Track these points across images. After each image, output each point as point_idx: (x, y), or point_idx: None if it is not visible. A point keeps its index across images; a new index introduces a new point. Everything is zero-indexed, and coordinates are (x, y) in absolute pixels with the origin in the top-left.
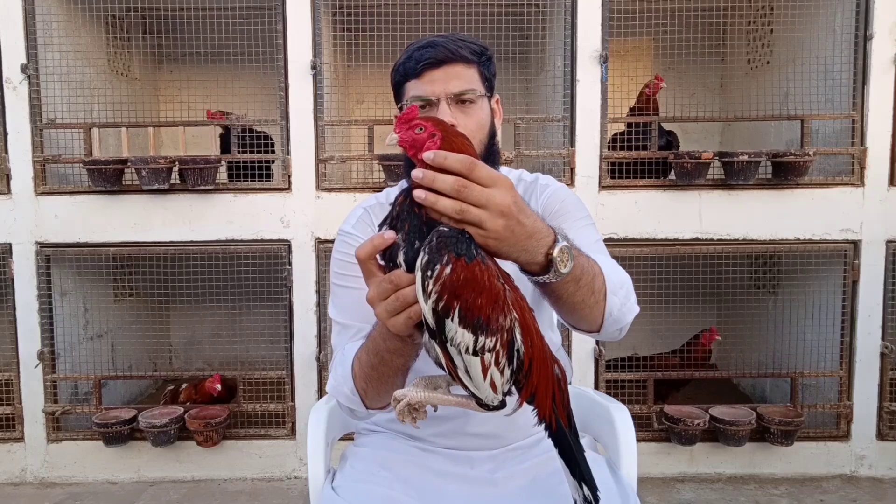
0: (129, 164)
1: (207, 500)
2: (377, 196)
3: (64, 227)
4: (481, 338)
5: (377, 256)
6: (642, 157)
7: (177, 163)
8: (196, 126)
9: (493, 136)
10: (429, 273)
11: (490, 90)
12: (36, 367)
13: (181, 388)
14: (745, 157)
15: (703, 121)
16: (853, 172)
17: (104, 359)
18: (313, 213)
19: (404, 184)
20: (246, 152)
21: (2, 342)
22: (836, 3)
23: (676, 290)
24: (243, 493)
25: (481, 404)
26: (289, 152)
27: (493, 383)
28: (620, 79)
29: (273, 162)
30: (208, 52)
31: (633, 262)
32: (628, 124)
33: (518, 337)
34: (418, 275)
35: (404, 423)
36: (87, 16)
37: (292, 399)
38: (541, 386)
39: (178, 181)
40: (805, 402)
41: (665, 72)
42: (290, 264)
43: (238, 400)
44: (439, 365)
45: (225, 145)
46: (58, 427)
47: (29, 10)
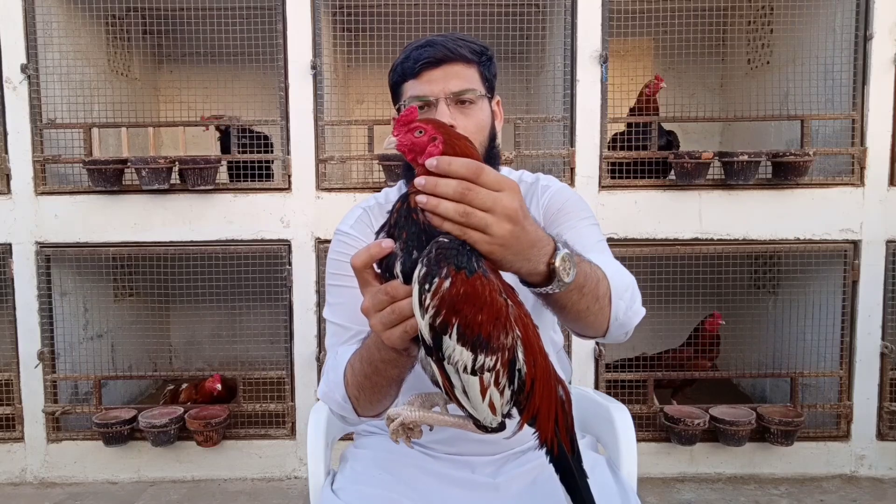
0: (129, 164)
1: (207, 500)
2: (376, 196)
3: (64, 227)
4: (480, 356)
5: (373, 265)
6: (642, 157)
7: (177, 163)
8: (196, 126)
9: (493, 138)
10: (426, 286)
11: (490, 91)
12: (36, 367)
13: (181, 388)
14: (745, 157)
15: (703, 121)
16: (853, 172)
17: (104, 359)
18: (313, 213)
19: (402, 186)
20: (245, 153)
21: (2, 342)
22: (836, 3)
23: (676, 290)
24: (243, 493)
25: (479, 426)
26: (289, 152)
27: (492, 404)
28: (620, 79)
29: (273, 162)
30: (208, 52)
31: (633, 262)
32: (628, 124)
33: (520, 356)
34: (415, 287)
35: (398, 443)
36: (87, 16)
37: (292, 399)
38: (543, 408)
39: (178, 181)
40: (805, 402)
41: (665, 72)
42: (290, 264)
43: (238, 400)
44: (435, 383)
45: (224, 147)
46: (58, 427)
47: (29, 10)
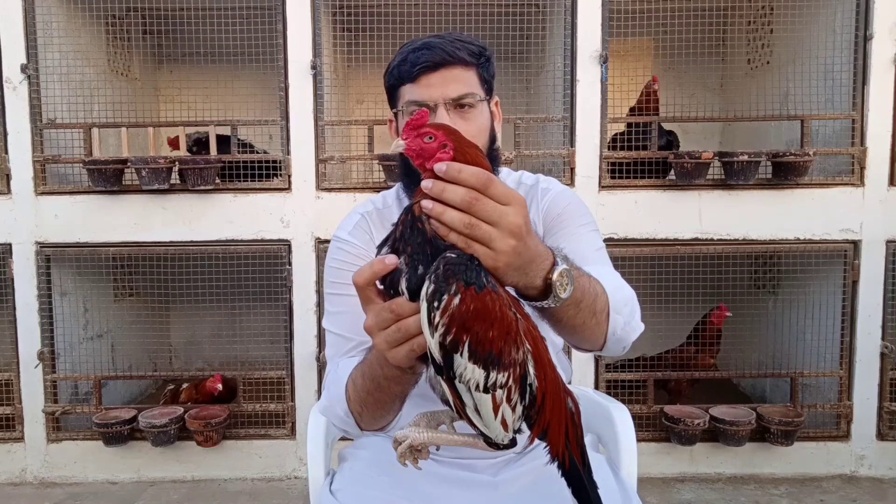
0: (129, 164)
1: (207, 500)
2: (373, 200)
3: (64, 227)
4: (493, 373)
5: (376, 282)
6: (642, 157)
7: (177, 163)
8: (196, 126)
9: (493, 140)
10: (435, 304)
11: (489, 92)
12: (36, 367)
13: (181, 388)
14: (745, 157)
15: (703, 121)
16: (853, 172)
17: (104, 359)
18: (313, 213)
19: (400, 189)
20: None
21: (2, 342)
22: (836, 3)
23: (676, 290)
24: (243, 493)
25: (489, 443)
26: (289, 152)
27: (503, 421)
28: (620, 79)
29: (269, 162)
30: (208, 52)
31: (633, 262)
32: (628, 124)
33: (531, 370)
34: (424, 305)
35: (406, 466)
36: (87, 16)
37: (292, 399)
38: (553, 421)
39: (178, 181)
40: (805, 402)
41: (665, 72)
42: (290, 264)
43: (238, 400)
44: (445, 402)
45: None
46: (58, 427)
47: (29, 10)
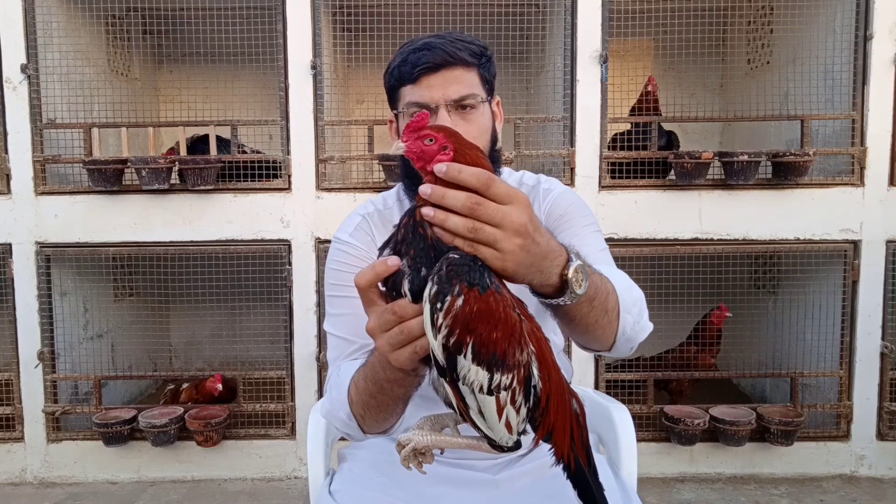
0: (129, 164)
1: (207, 500)
2: (373, 201)
3: (64, 227)
4: (497, 375)
5: (378, 284)
6: (642, 157)
7: (177, 163)
8: (196, 126)
9: (494, 141)
10: (438, 305)
11: (490, 93)
12: (36, 367)
13: (182, 388)
14: (745, 157)
15: (703, 121)
16: (853, 172)
17: (104, 359)
18: (313, 213)
19: (401, 189)
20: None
21: (2, 342)
22: (836, 3)
23: (676, 290)
24: (243, 493)
25: (494, 446)
26: (289, 152)
27: (508, 424)
28: (620, 79)
29: (268, 163)
30: (208, 52)
31: (633, 262)
32: (631, 123)
33: (535, 372)
34: (427, 307)
35: (410, 470)
36: (87, 16)
37: (292, 399)
38: (558, 423)
39: (178, 181)
40: (805, 402)
41: (665, 72)
42: (290, 264)
43: (238, 400)
44: (449, 405)
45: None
46: (58, 427)
47: (29, 10)
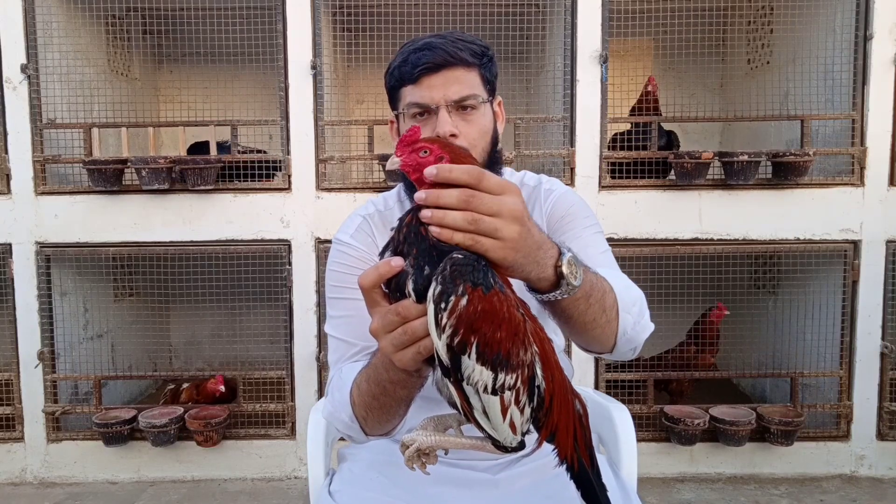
0: (129, 164)
1: (207, 500)
2: (374, 202)
3: (64, 227)
4: (501, 375)
5: (381, 285)
6: (642, 157)
7: (177, 163)
8: (196, 126)
9: (495, 142)
10: (442, 305)
11: (492, 93)
12: (36, 367)
13: (182, 388)
14: (745, 157)
15: (703, 121)
16: (853, 172)
17: (104, 359)
18: (313, 213)
19: (402, 191)
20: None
21: (2, 342)
22: (836, 3)
23: (676, 290)
24: (243, 493)
25: (498, 446)
26: (289, 152)
27: (512, 424)
28: (620, 79)
29: (267, 162)
30: (208, 52)
31: (633, 262)
32: (631, 123)
33: (539, 372)
34: (430, 307)
35: (414, 470)
36: (87, 16)
37: (292, 399)
38: (561, 424)
39: (178, 180)
40: (805, 402)
41: (665, 72)
42: (290, 264)
43: (238, 400)
44: (453, 405)
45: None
46: (58, 427)
47: (29, 10)
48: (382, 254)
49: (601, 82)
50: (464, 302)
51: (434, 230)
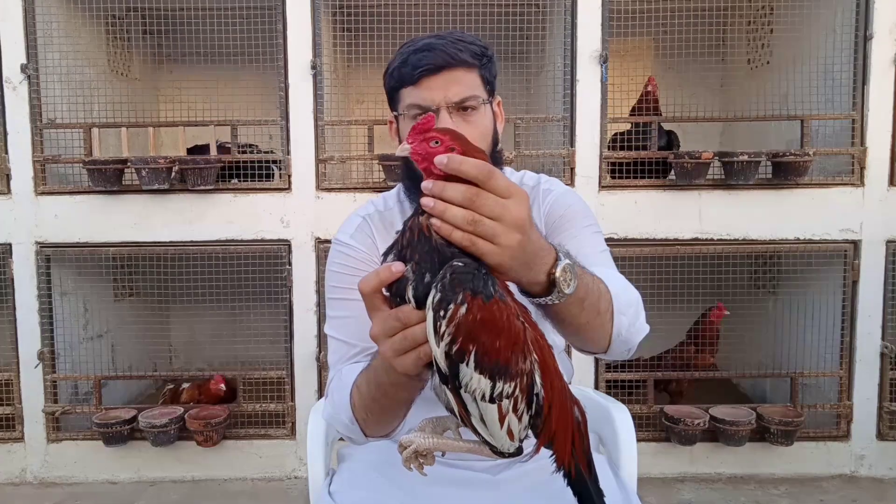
0: (129, 164)
1: (207, 500)
2: (374, 202)
3: (64, 227)
4: (499, 384)
5: (382, 289)
6: (642, 157)
7: (177, 163)
8: (196, 126)
9: (496, 142)
10: (441, 313)
11: (492, 93)
12: (36, 367)
13: (182, 388)
14: (745, 157)
15: (703, 121)
16: (853, 172)
17: (104, 359)
18: (313, 213)
19: (401, 190)
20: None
21: (2, 342)
22: (836, 3)
23: (676, 290)
24: (243, 493)
25: (495, 451)
26: (289, 152)
27: (510, 431)
28: (620, 79)
29: (267, 162)
30: (208, 52)
31: (633, 262)
32: (631, 123)
33: (538, 380)
34: (430, 315)
35: (411, 471)
36: (87, 16)
37: (292, 399)
38: (560, 431)
39: (178, 181)
40: (805, 402)
41: (665, 72)
42: (290, 264)
43: (238, 400)
44: (450, 411)
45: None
46: (58, 427)
47: (29, 10)
48: (385, 257)
49: (601, 82)
50: (463, 310)
51: (434, 222)
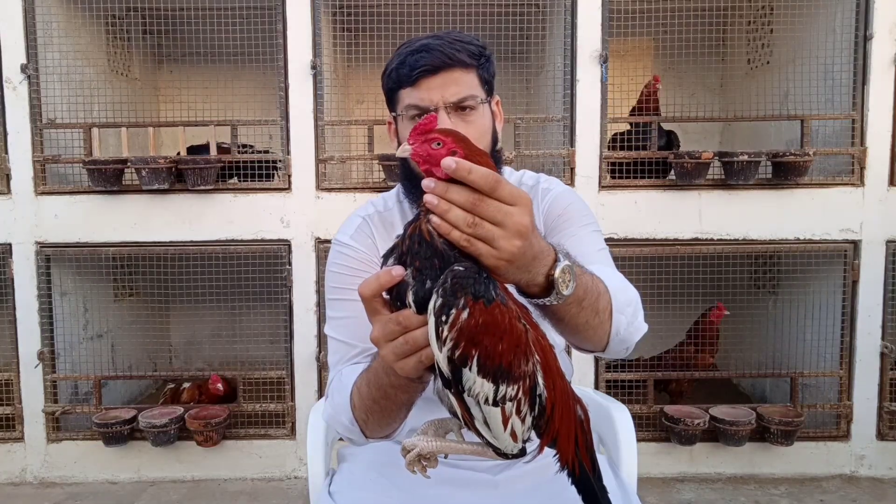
0: (129, 164)
1: (207, 500)
2: (374, 203)
3: (64, 227)
4: (502, 387)
5: (382, 293)
6: (642, 157)
7: (177, 162)
8: (196, 126)
9: (495, 142)
10: (443, 318)
11: (490, 93)
12: (36, 367)
13: (182, 388)
14: (745, 157)
15: (703, 121)
16: (853, 172)
17: (104, 359)
18: (313, 213)
19: (400, 190)
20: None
21: (2, 342)
22: (836, 3)
23: (676, 290)
24: (243, 493)
25: (499, 452)
26: (289, 152)
27: (513, 433)
28: (620, 79)
29: (267, 162)
30: (208, 52)
31: (633, 262)
32: (630, 124)
33: (540, 381)
34: (431, 320)
35: (414, 474)
36: (87, 16)
37: (292, 399)
38: (563, 430)
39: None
40: (805, 402)
41: (665, 72)
42: (290, 264)
43: (238, 400)
44: (453, 414)
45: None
46: (58, 427)
47: (29, 10)
48: (385, 260)
49: (601, 82)
50: (465, 315)
51: (434, 219)
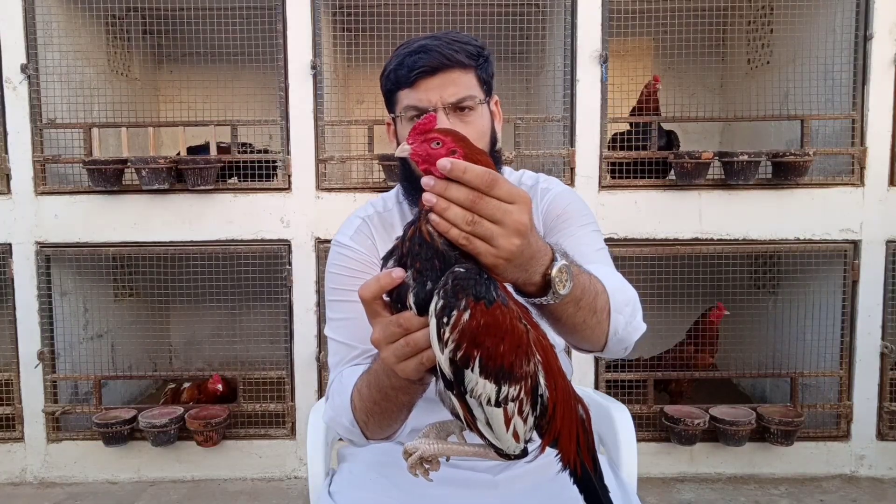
0: (129, 164)
1: (207, 500)
2: (373, 203)
3: (64, 227)
4: (504, 387)
5: (382, 295)
6: (642, 157)
7: (177, 162)
8: (196, 126)
9: (494, 141)
10: (445, 320)
11: (489, 93)
12: (36, 367)
13: (183, 388)
14: (745, 157)
15: (703, 121)
16: (853, 172)
17: (104, 359)
18: (313, 213)
19: (400, 190)
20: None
21: (2, 342)
22: (836, 3)
23: (676, 290)
24: (243, 493)
25: (500, 453)
26: (289, 152)
27: (515, 433)
28: (620, 79)
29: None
30: (208, 52)
31: (633, 262)
32: (630, 124)
33: (542, 381)
34: (433, 322)
35: (417, 477)
36: (87, 16)
37: (292, 399)
38: (564, 430)
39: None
40: (805, 402)
41: (665, 72)
42: (290, 264)
43: (238, 400)
44: (455, 415)
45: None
46: (58, 427)
47: (29, 10)
48: (385, 262)
49: (601, 82)
50: (466, 316)
51: (433, 217)
